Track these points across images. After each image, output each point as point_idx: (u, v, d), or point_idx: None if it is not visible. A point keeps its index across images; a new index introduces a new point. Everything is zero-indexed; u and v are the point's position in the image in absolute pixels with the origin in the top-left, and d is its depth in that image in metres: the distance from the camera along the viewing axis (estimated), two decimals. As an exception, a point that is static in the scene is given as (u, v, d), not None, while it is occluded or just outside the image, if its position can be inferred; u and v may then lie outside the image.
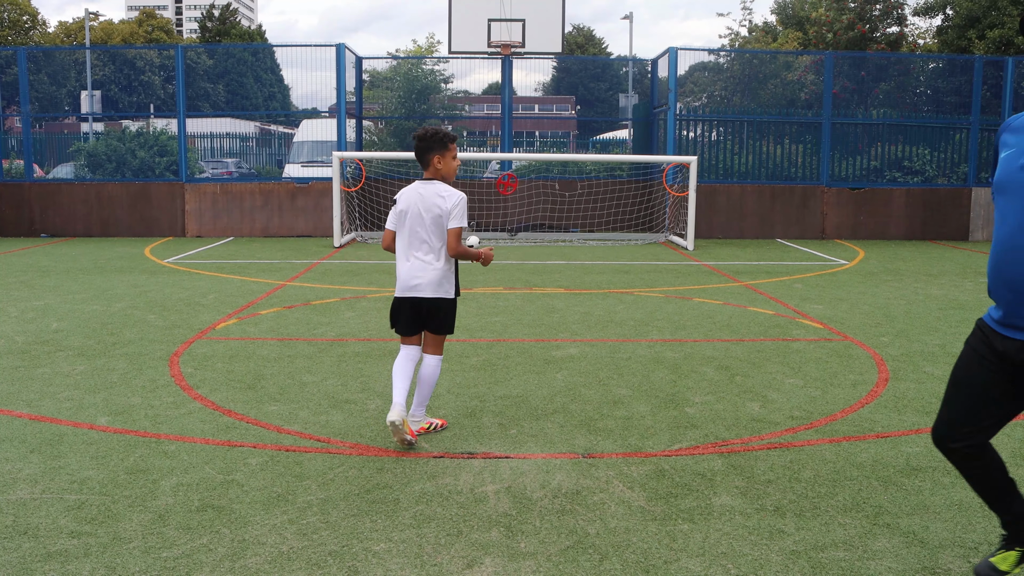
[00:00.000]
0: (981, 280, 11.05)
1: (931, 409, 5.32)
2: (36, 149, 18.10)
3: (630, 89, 20.89)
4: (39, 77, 19.65)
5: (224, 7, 56.04)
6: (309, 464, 4.36)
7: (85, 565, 3.28)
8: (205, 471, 4.25)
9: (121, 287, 9.97)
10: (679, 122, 16.70)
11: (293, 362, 6.45)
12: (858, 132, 17.13)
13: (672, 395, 5.63)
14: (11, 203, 16.31)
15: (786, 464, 4.39)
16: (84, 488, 4.02)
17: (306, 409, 5.29)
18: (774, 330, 7.73)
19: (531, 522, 3.69)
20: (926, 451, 4.59)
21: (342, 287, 10.02)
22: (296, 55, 17.90)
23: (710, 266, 12.39)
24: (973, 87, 16.90)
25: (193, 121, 17.96)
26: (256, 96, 22.57)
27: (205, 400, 5.47)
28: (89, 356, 6.60)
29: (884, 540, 3.54)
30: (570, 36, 49.38)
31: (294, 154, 20.23)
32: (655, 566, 3.31)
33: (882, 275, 11.48)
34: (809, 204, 16.69)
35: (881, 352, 6.89)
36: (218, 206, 16.36)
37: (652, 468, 4.32)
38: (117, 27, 59.55)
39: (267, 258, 12.99)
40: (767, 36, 31.56)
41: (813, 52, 21.04)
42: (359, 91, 17.76)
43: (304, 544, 3.48)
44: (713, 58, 20.23)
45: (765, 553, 3.42)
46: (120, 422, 5.01)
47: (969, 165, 16.97)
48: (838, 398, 5.59)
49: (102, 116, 20.99)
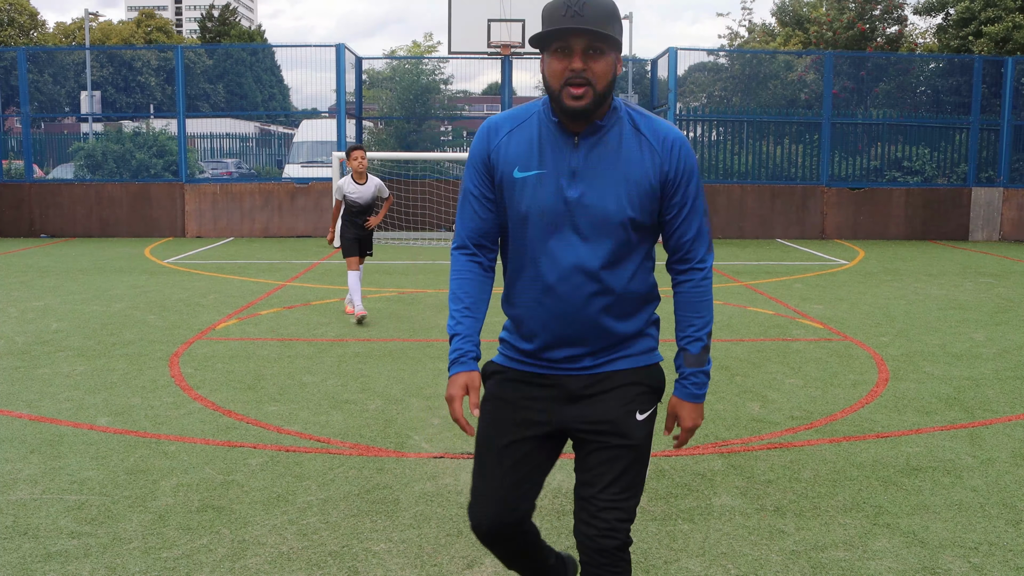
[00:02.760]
0: (981, 280, 11.06)
1: (931, 409, 5.32)
2: (36, 150, 18.10)
3: (630, 89, 20.89)
4: (39, 78, 19.64)
5: (224, 7, 56.05)
6: (309, 464, 4.36)
7: (85, 565, 3.28)
8: (205, 471, 4.25)
9: (121, 287, 9.97)
10: (679, 122, 16.70)
11: (293, 362, 6.45)
12: (858, 132, 17.13)
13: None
14: (11, 203, 16.31)
15: (786, 464, 4.39)
16: (84, 488, 4.02)
17: (306, 409, 5.29)
18: (774, 330, 7.74)
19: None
20: (926, 451, 4.59)
21: (342, 287, 10.02)
22: (296, 55, 17.91)
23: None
24: (973, 87, 16.91)
25: (193, 121, 17.97)
26: (256, 96, 22.56)
27: (205, 400, 5.47)
28: (89, 356, 6.60)
29: (884, 540, 3.54)
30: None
31: (294, 154, 20.22)
32: (655, 566, 3.31)
33: (882, 275, 11.48)
34: (809, 204, 16.69)
35: (881, 352, 6.89)
36: (218, 206, 16.35)
37: (652, 468, 4.32)
38: (116, 28, 59.56)
39: (267, 258, 12.99)
40: (767, 36, 31.56)
41: (813, 52, 21.04)
42: (359, 91, 17.76)
43: (304, 544, 3.48)
44: (713, 58, 20.24)
45: (765, 553, 3.42)
46: (120, 422, 5.01)
47: (969, 165, 16.97)
48: (838, 398, 5.59)
49: (102, 116, 20.99)
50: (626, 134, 2.20)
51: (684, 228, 2.27)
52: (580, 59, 2.09)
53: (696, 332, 2.34)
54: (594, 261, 2.19)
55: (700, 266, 2.32)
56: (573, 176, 2.18)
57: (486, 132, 2.27)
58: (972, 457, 4.50)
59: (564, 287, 2.20)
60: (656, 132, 2.21)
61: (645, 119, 2.23)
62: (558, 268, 2.20)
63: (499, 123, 2.27)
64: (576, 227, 2.18)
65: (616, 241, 2.20)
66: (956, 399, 5.52)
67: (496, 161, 2.24)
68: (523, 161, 2.21)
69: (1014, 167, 17.12)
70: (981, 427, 5.00)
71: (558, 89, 2.11)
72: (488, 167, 2.25)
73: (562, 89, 2.10)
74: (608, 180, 2.18)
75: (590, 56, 2.10)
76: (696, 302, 2.33)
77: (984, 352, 6.92)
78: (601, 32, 2.06)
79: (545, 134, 2.21)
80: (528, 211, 2.20)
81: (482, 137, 2.28)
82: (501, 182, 2.24)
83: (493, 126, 2.27)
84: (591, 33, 2.06)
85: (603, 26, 2.08)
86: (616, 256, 2.22)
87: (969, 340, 7.36)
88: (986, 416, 5.20)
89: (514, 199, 2.22)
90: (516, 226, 2.25)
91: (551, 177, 2.19)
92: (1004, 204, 16.82)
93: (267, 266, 12.09)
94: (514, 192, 2.22)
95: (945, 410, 5.31)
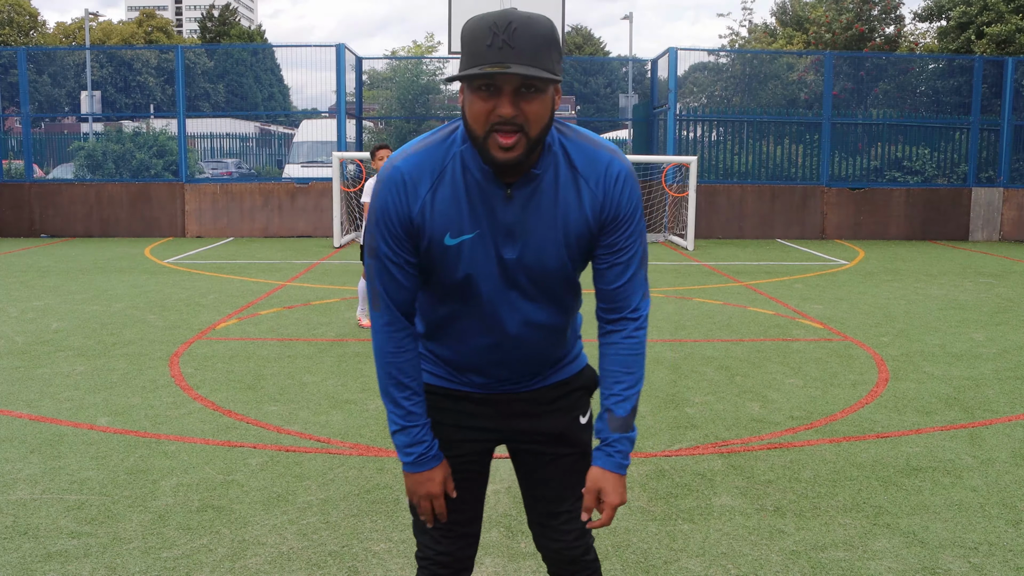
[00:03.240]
0: (981, 280, 11.06)
1: (931, 409, 5.33)
2: (36, 149, 18.10)
3: (630, 89, 20.90)
4: (39, 78, 19.64)
5: (224, 7, 56.06)
6: (309, 464, 4.36)
7: (85, 565, 3.28)
8: (205, 471, 4.25)
9: (121, 287, 9.97)
10: (679, 122, 16.70)
11: (293, 362, 6.45)
12: (858, 132, 17.13)
13: (672, 395, 5.63)
14: (11, 203, 16.31)
15: (786, 464, 4.39)
16: (84, 488, 4.02)
17: (306, 409, 5.29)
18: (774, 330, 7.74)
19: (531, 522, 3.69)
20: (926, 451, 4.60)
21: (342, 287, 10.02)
22: (296, 55, 17.90)
23: (710, 266, 12.39)
24: (973, 87, 16.91)
25: (193, 121, 17.95)
26: (256, 96, 22.55)
27: (205, 400, 5.47)
28: (89, 356, 6.60)
29: (884, 540, 3.54)
30: (569, 36, 49.38)
31: (294, 154, 20.22)
32: (655, 566, 3.31)
33: (882, 275, 11.48)
34: (809, 204, 16.69)
35: (881, 352, 6.89)
36: (218, 206, 16.35)
37: (652, 468, 4.32)
38: (116, 28, 59.56)
39: (267, 258, 12.99)
40: (767, 36, 31.59)
41: (813, 52, 21.04)
42: (359, 91, 17.76)
43: (304, 544, 3.48)
44: (713, 58, 20.24)
45: (765, 553, 3.42)
46: (120, 422, 5.01)
47: (969, 165, 16.97)
48: (838, 398, 5.59)
49: (102, 116, 20.99)
50: (562, 177, 1.89)
51: (619, 271, 1.97)
52: (510, 103, 1.72)
53: (625, 391, 2.00)
54: (539, 315, 1.99)
55: (634, 315, 2.00)
56: (509, 235, 1.89)
57: (400, 188, 1.86)
58: (972, 457, 4.50)
59: (508, 343, 2.00)
60: (595, 166, 1.89)
61: (579, 150, 1.89)
62: (500, 325, 1.97)
63: (414, 177, 1.87)
64: (517, 285, 1.94)
65: (560, 291, 2.00)
66: (956, 399, 5.52)
67: (421, 226, 1.88)
68: (454, 226, 1.87)
69: (1014, 167, 17.12)
70: (981, 427, 5.00)
71: (482, 135, 1.75)
72: (410, 232, 1.88)
73: (487, 136, 1.75)
74: (548, 236, 1.90)
75: (523, 96, 1.73)
76: (627, 356, 2.00)
77: (984, 352, 6.92)
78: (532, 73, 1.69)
79: (472, 187, 1.86)
80: (463, 275, 1.92)
81: (395, 194, 1.87)
82: (429, 249, 1.90)
83: (407, 181, 1.87)
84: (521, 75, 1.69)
85: (539, 59, 1.71)
86: (560, 304, 2.02)
87: (969, 340, 7.36)
88: (986, 416, 5.20)
89: (447, 265, 1.91)
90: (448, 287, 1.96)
91: (486, 238, 1.89)
92: (1004, 204, 16.83)
93: (267, 266, 12.10)
94: (446, 259, 1.90)
95: (945, 410, 5.31)
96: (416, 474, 2.01)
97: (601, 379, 2.05)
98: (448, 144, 1.87)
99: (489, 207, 1.87)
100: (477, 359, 2.04)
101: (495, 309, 1.96)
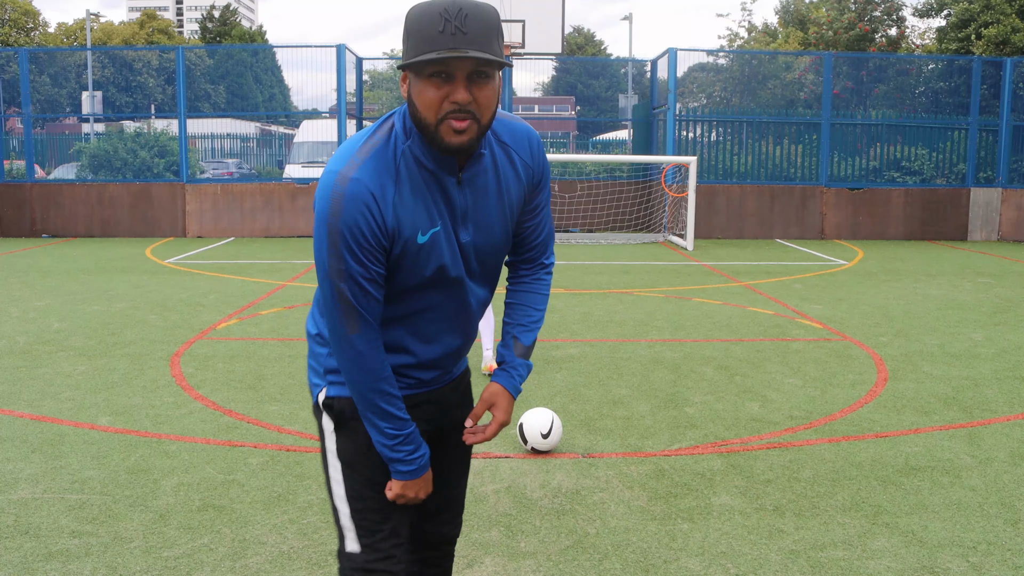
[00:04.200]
0: (980, 280, 11.07)
1: (930, 409, 5.34)
2: (37, 150, 18.12)
3: (629, 90, 20.92)
4: (40, 78, 19.66)
5: (224, 8, 56.08)
6: (310, 464, 4.37)
7: (86, 565, 3.29)
8: (206, 471, 4.26)
9: (122, 287, 9.99)
10: (679, 122, 16.71)
11: (294, 362, 6.46)
12: (857, 132, 17.14)
13: (672, 395, 5.64)
14: (12, 204, 16.33)
15: (785, 464, 4.41)
16: (85, 488, 4.03)
17: (307, 409, 5.30)
18: (773, 330, 7.75)
19: (531, 522, 3.70)
20: (925, 451, 4.61)
21: (342, 287, 10.02)
22: (297, 56, 17.91)
23: (710, 266, 12.41)
24: (972, 87, 16.92)
25: (194, 122, 17.97)
26: (256, 97, 22.57)
27: (206, 400, 5.48)
28: (90, 356, 6.61)
29: (883, 539, 3.56)
30: (570, 37, 49.41)
31: (294, 155, 20.23)
32: (655, 566, 3.32)
33: (881, 275, 11.50)
34: (808, 204, 16.70)
35: (880, 352, 6.90)
36: (219, 207, 16.37)
37: (652, 468, 4.33)
38: (117, 28, 59.58)
39: (268, 258, 13.01)
40: (767, 36, 31.60)
41: (812, 52, 21.05)
42: (359, 92, 17.78)
43: (305, 544, 3.49)
44: (712, 59, 20.26)
45: (764, 552, 3.43)
46: (121, 422, 5.02)
47: (968, 165, 16.99)
48: (837, 398, 5.60)
49: (103, 117, 21.01)
50: (499, 155, 1.95)
51: (539, 228, 2.13)
52: (464, 88, 1.74)
53: (533, 323, 2.15)
54: (483, 293, 2.08)
55: (546, 261, 2.18)
56: (464, 219, 1.93)
57: (369, 201, 1.80)
58: (971, 457, 4.52)
59: (469, 326, 2.08)
60: (518, 137, 1.98)
61: (502, 126, 1.96)
62: (466, 310, 2.03)
63: (378, 184, 1.82)
64: (470, 269, 1.99)
65: (499, 266, 2.09)
66: (955, 399, 5.53)
67: (397, 231, 1.85)
68: (423, 222, 1.87)
69: (1013, 168, 17.14)
70: (980, 427, 5.01)
71: (435, 123, 1.77)
72: (384, 243, 1.84)
73: (440, 123, 1.76)
74: (494, 214, 1.96)
75: (475, 82, 1.75)
76: (536, 294, 2.17)
77: (983, 352, 6.93)
78: (489, 57, 1.71)
79: (429, 180, 1.88)
80: (434, 268, 1.92)
81: (365, 208, 1.80)
82: (403, 252, 1.87)
83: (374, 191, 1.81)
84: (479, 58, 1.71)
85: (490, 45, 1.73)
86: (496, 280, 2.11)
87: (968, 340, 7.37)
88: (985, 416, 5.21)
89: (418, 264, 1.90)
90: (412, 286, 1.95)
91: (448, 227, 1.91)
92: (1003, 204, 16.84)
93: (268, 266, 12.11)
94: (419, 257, 1.89)
95: (944, 410, 5.33)
96: (417, 479, 2.02)
97: (508, 312, 2.17)
98: (392, 143, 1.86)
99: (446, 195, 1.90)
100: (440, 351, 2.06)
101: (462, 293, 2.01)
